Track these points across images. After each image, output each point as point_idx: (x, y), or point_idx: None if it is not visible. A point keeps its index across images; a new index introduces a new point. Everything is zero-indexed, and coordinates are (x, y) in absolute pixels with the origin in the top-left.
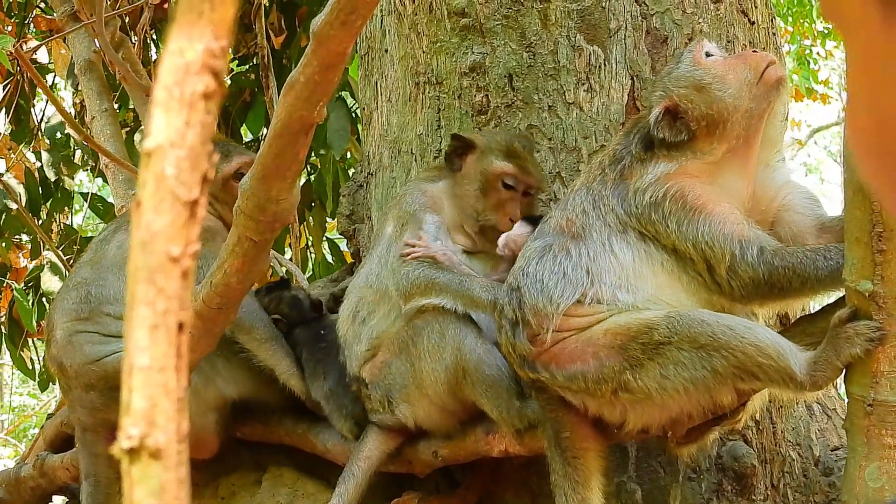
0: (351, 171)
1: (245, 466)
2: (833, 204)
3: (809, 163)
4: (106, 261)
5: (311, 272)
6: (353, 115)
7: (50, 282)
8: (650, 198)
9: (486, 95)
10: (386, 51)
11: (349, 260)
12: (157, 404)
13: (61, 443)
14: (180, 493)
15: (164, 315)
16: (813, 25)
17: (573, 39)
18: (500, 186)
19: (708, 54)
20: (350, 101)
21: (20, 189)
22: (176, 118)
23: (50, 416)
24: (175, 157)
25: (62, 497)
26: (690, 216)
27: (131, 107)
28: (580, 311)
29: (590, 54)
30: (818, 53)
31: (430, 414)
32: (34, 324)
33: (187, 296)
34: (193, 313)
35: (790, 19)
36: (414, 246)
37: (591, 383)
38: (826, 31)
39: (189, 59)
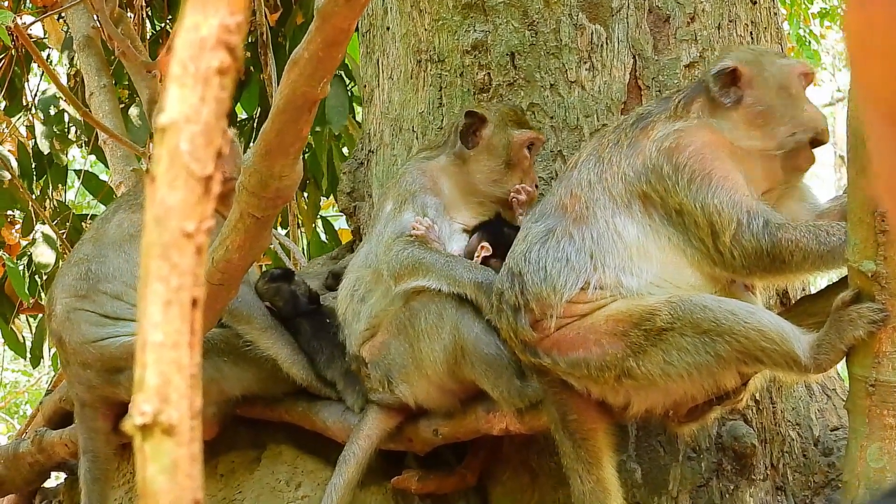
0: (345, 150)
1: (244, 444)
2: (825, 184)
3: None
4: (106, 238)
5: (303, 251)
6: (349, 93)
7: (43, 254)
8: (669, 143)
9: (488, 73)
10: (388, 28)
11: (344, 239)
12: (170, 381)
13: (60, 419)
14: (193, 469)
15: (177, 291)
16: (809, 8)
17: (575, 18)
18: (525, 153)
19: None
20: (346, 80)
21: (13, 164)
22: (191, 94)
23: (49, 393)
24: (190, 132)
25: (60, 472)
26: (703, 177)
27: (125, 83)
28: (583, 297)
29: (592, 33)
30: (813, 34)
31: (430, 393)
32: (26, 292)
33: (201, 272)
34: None
35: (787, 1)
36: (419, 227)
37: (593, 370)
38: (822, 13)
39: (204, 34)
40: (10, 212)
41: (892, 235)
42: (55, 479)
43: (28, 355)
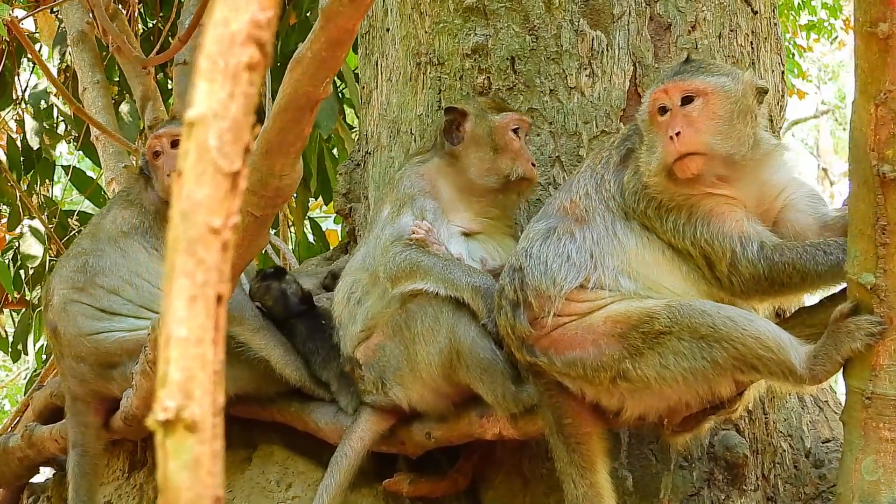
0: (335, 151)
1: (235, 443)
2: None
3: None
4: (103, 233)
5: (292, 251)
6: (339, 95)
7: (30, 248)
8: (645, 204)
9: (488, 77)
10: (387, 30)
11: (331, 240)
12: (193, 376)
13: (50, 414)
14: (215, 466)
15: (203, 287)
16: (797, 20)
17: (576, 24)
18: (512, 136)
19: (664, 109)
20: (337, 82)
21: (2, 157)
22: (220, 89)
23: (39, 388)
24: (218, 128)
25: (50, 468)
26: (687, 217)
27: (116, 79)
28: (582, 296)
29: (593, 39)
30: (800, 46)
31: (424, 396)
32: (11, 286)
33: (227, 268)
34: None
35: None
36: (419, 231)
37: (589, 371)
38: (810, 25)
39: (234, 29)
40: None
41: (892, 248)
42: (43, 476)
43: (10, 350)
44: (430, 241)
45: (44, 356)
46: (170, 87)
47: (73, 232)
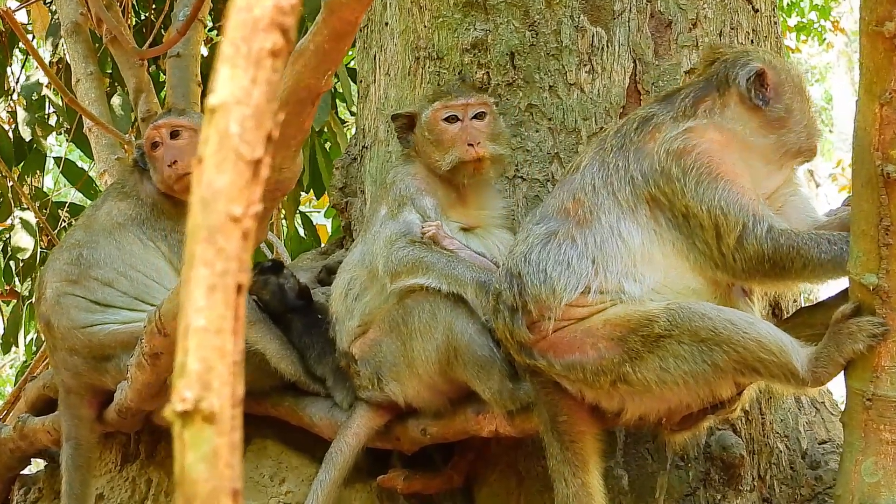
0: (328, 146)
1: None
2: None
3: None
4: (97, 225)
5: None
6: (332, 89)
7: (21, 240)
8: (677, 146)
9: (487, 73)
10: (386, 24)
11: (321, 234)
12: (212, 367)
13: (43, 405)
14: (233, 458)
15: (222, 276)
16: (786, 21)
17: (577, 20)
18: (443, 125)
19: None
20: None
21: None
22: (242, 75)
23: (32, 379)
24: (240, 114)
25: (41, 459)
26: (710, 179)
27: (108, 71)
28: (583, 301)
29: (593, 35)
30: (788, 47)
31: (420, 392)
32: (2, 277)
33: (247, 257)
34: None
35: None
36: (429, 229)
37: (589, 374)
38: (800, 26)
39: (257, 14)
40: None
41: (895, 249)
42: (33, 468)
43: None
44: (440, 235)
45: (34, 348)
46: (163, 79)
47: (65, 224)
